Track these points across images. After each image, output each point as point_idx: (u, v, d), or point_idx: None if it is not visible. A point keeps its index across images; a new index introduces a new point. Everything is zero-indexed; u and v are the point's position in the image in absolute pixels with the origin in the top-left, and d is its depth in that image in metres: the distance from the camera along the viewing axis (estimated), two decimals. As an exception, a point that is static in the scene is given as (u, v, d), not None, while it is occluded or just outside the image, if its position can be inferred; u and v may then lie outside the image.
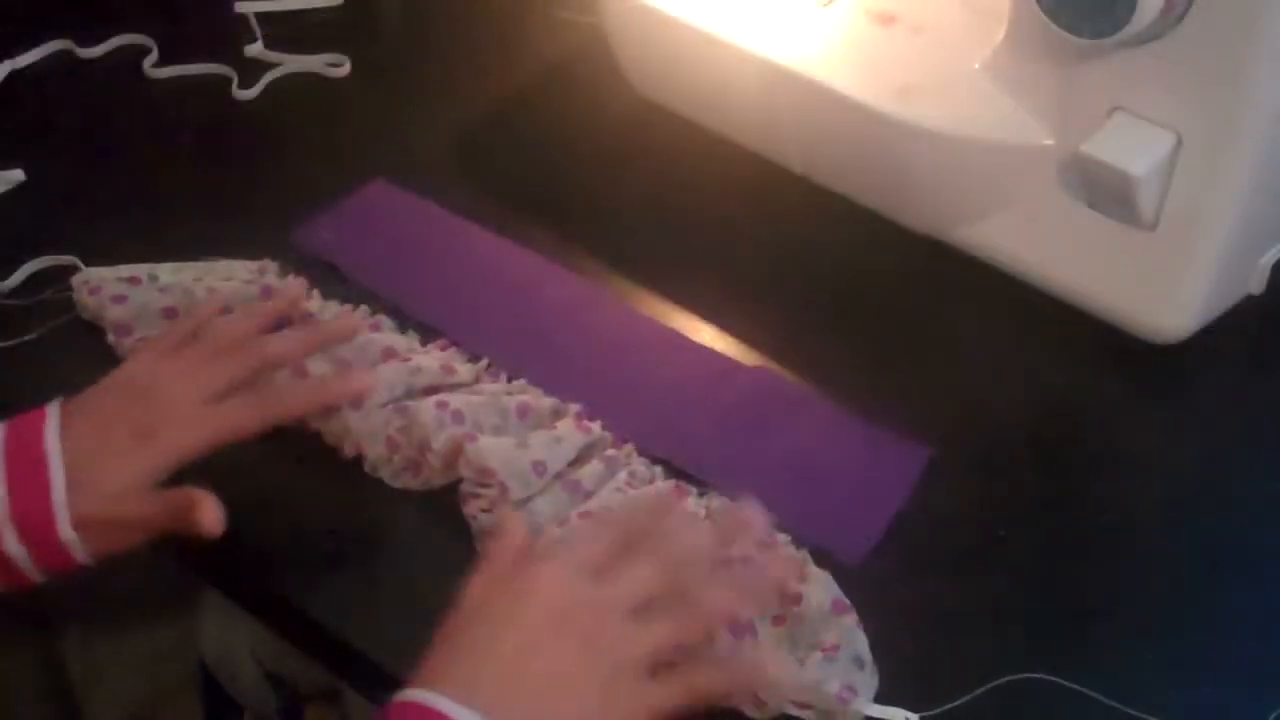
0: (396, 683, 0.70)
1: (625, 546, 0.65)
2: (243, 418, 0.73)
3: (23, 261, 0.90)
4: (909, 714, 0.67)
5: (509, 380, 0.81)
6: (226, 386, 0.73)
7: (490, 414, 0.78)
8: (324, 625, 0.73)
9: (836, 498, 0.76)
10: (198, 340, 0.76)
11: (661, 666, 0.62)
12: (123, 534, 0.71)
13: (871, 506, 0.76)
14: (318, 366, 0.80)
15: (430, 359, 0.81)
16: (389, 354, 0.81)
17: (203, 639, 1.01)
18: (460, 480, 0.76)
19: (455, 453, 0.75)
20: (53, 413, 0.71)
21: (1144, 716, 0.68)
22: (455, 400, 0.78)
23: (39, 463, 0.69)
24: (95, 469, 0.70)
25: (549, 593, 0.62)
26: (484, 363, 0.82)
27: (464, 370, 0.81)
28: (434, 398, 0.78)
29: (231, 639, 1.00)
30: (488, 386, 0.81)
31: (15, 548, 0.69)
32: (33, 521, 0.68)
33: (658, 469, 0.77)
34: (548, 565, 0.63)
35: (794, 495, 0.76)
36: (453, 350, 0.83)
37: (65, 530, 0.68)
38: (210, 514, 0.69)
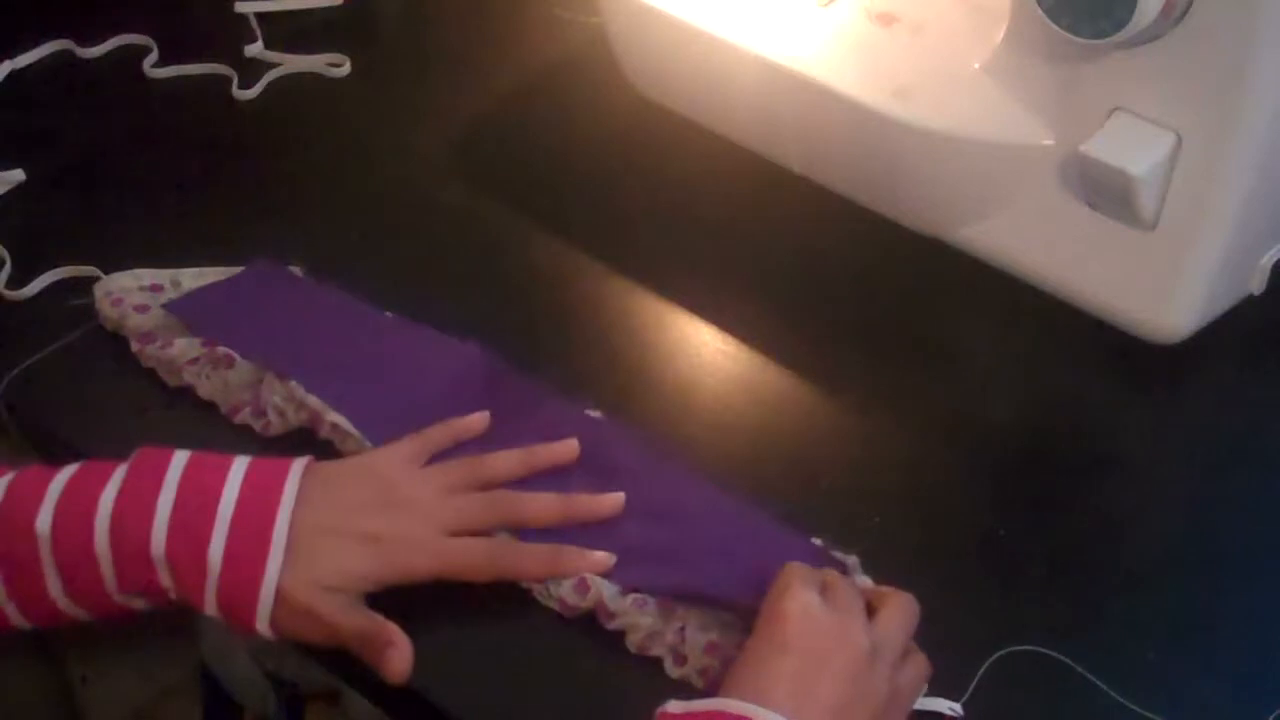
0: (396, 683, 0.70)
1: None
2: (475, 563, 0.71)
3: (22, 261, 0.90)
4: (953, 704, 0.68)
5: None
6: (471, 527, 0.72)
7: None
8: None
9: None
10: (457, 462, 0.75)
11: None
12: (310, 625, 0.69)
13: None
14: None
15: None
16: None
17: (203, 639, 1.01)
18: None
19: None
20: (296, 470, 0.71)
21: (1145, 715, 0.68)
22: None
23: (265, 526, 0.68)
24: (317, 552, 0.69)
25: (847, 639, 0.65)
26: None
27: None
28: None
29: (231, 639, 1.00)
30: None
31: (212, 607, 0.68)
32: (236, 587, 0.68)
33: None
34: (842, 617, 0.66)
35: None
36: None
37: (265, 608, 0.68)
38: (400, 662, 0.68)
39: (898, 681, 0.66)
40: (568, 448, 0.77)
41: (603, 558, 0.72)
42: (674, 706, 0.63)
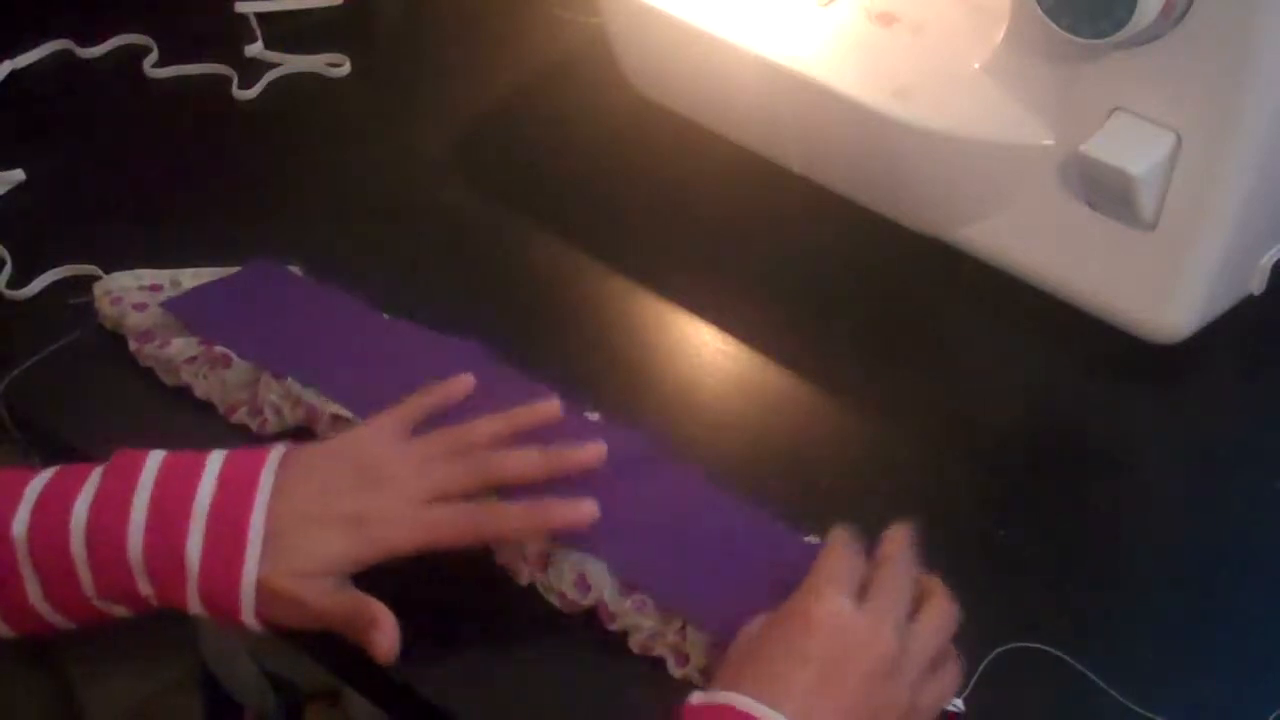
0: (396, 683, 0.70)
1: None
2: (459, 528, 0.70)
3: (22, 261, 0.90)
4: (954, 700, 0.68)
5: None
6: (452, 492, 0.71)
7: None
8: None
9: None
10: (438, 432, 0.73)
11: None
12: (296, 612, 0.68)
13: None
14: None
15: None
16: None
17: (202, 638, 1.01)
18: None
19: None
20: (272, 461, 0.69)
21: (1145, 714, 0.68)
22: None
23: (241, 520, 0.67)
24: (297, 540, 0.67)
25: (874, 644, 0.64)
26: None
27: None
28: None
29: (231, 639, 1.00)
30: None
31: (196, 605, 0.67)
32: (217, 584, 0.67)
33: None
34: (875, 619, 0.65)
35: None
36: None
37: (248, 601, 0.67)
38: (387, 640, 0.67)
39: (920, 692, 0.65)
40: (549, 407, 0.76)
41: (588, 508, 0.70)
42: (697, 699, 0.62)
